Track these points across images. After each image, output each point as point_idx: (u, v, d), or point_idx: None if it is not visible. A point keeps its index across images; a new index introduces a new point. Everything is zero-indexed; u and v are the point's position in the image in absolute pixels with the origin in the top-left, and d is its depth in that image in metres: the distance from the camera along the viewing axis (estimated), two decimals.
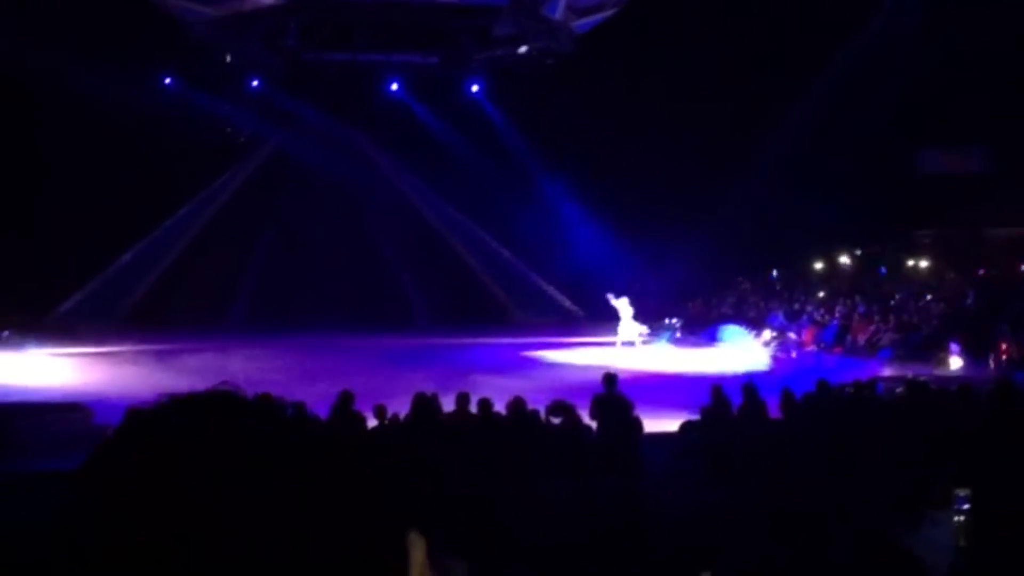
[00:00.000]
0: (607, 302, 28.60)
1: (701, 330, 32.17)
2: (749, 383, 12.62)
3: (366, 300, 35.36)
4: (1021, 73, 29.23)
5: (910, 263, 32.94)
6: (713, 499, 8.33)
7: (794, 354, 27.30)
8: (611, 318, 28.78)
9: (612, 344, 27.78)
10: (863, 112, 30.87)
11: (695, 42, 30.79)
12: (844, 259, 35.45)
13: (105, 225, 32.07)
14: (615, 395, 12.11)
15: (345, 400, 11.91)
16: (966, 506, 5.20)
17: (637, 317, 28.70)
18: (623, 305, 28.35)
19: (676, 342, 31.18)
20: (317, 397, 13.11)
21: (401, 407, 11.98)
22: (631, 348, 27.61)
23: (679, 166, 33.16)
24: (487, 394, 12.36)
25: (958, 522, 5.19)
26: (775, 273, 35.75)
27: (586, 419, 11.83)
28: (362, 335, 29.88)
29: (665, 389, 19.61)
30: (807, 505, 6.92)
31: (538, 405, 11.98)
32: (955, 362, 22.75)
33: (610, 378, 12.33)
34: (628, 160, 33.48)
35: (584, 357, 26.15)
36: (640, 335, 28.47)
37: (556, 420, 11.61)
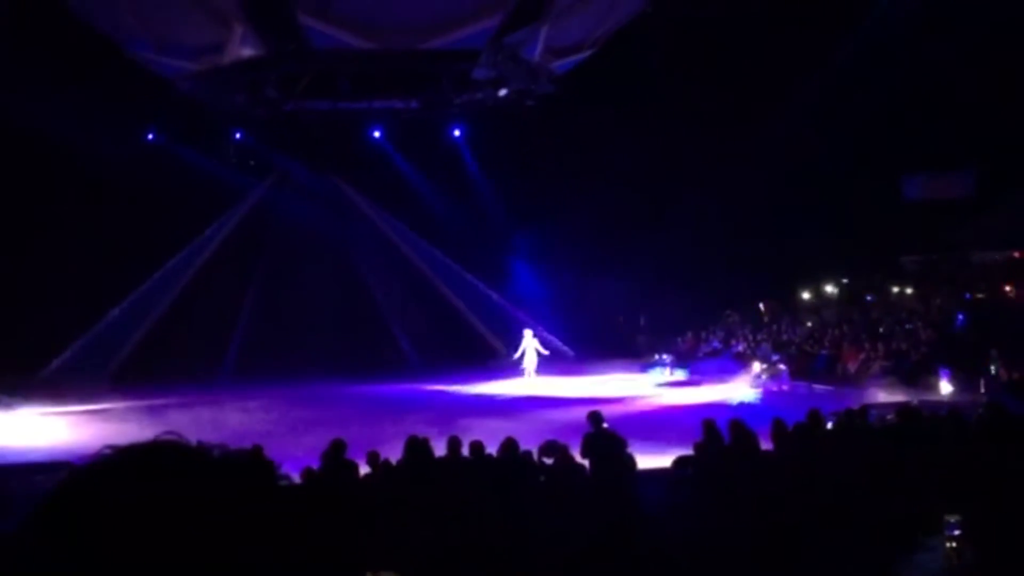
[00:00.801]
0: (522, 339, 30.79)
1: (692, 364, 32.28)
2: (736, 419, 12.66)
3: (357, 346, 35.37)
4: (1001, 96, 29.55)
5: (896, 289, 33.06)
6: (708, 533, 8.33)
7: (785, 386, 27.35)
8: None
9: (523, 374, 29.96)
10: (846, 139, 31.13)
11: (673, 73, 31.01)
12: (831, 288, 35.56)
13: (91, 282, 32.05)
14: (604, 432, 12.13)
15: (337, 448, 11.89)
16: (957, 532, 5.23)
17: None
18: (528, 338, 30.35)
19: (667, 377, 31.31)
20: (311, 447, 13.13)
21: (394, 452, 11.98)
22: (527, 378, 29.63)
23: (662, 200, 33.39)
24: (479, 436, 12.37)
25: (950, 547, 5.23)
26: (762, 305, 35.79)
27: (579, 458, 11.84)
28: (354, 382, 29.94)
29: (658, 424, 19.65)
30: (801, 535, 6.93)
31: (530, 446, 11.98)
32: (945, 387, 22.83)
33: (595, 416, 12.36)
34: (610, 195, 33.58)
35: (574, 395, 26.21)
36: (533, 369, 30.17)
37: (548, 461, 11.61)
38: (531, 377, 29.72)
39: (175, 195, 34.50)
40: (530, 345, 30.16)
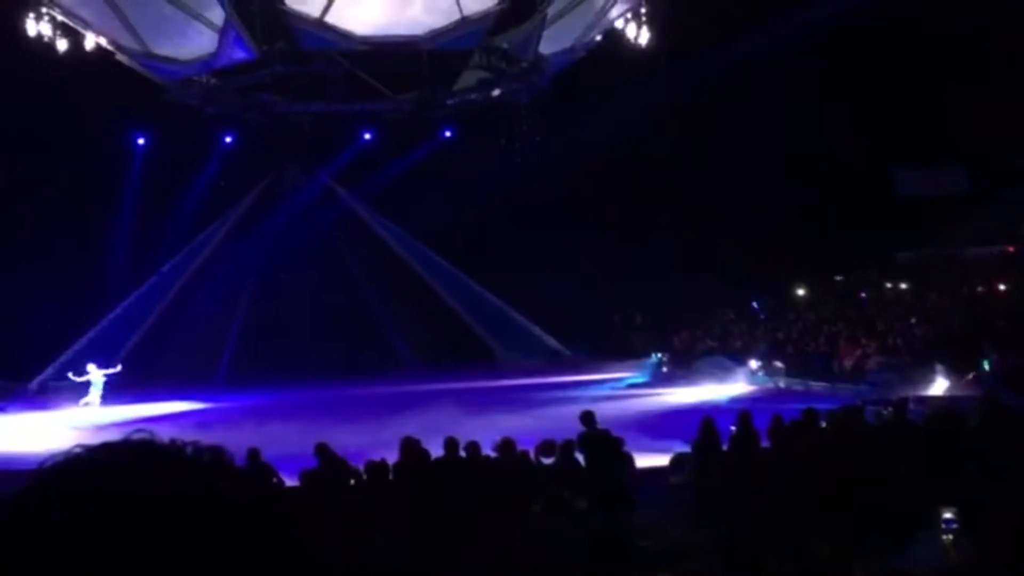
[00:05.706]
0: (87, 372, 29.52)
1: (688, 363, 32.22)
2: (745, 411, 12.68)
3: (353, 349, 35.41)
4: (993, 92, 29.60)
5: (891, 285, 33.08)
6: (704, 530, 8.33)
7: (782, 383, 27.32)
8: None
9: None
10: (839, 136, 31.17)
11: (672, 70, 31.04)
12: (827, 285, 35.49)
13: (84, 288, 32.03)
14: (599, 431, 12.08)
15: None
16: (954, 526, 5.24)
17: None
18: (93, 370, 29.10)
19: (663, 376, 31.22)
20: (306, 449, 13.09)
21: (393, 455, 11.92)
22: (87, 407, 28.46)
23: (655, 199, 33.36)
24: (476, 437, 12.31)
25: (946, 541, 5.23)
26: (755, 304, 35.74)
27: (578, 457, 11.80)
28: (351, 384, 29.92)
29: (655, 423, 19.64)
30: (797, 532, 6.93)
31: (528, 445, 11.95)
32: (941, 383, 22.83)
33: (588, 416, 12.30)
34: (608, 197, 33.57)
35: (572, 395, 26.10)
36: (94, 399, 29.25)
37: (547, 460, 11.59)
38: (91, 406, 28.65)
39: (166, 199, 34.57)
40: (96, 378, 29.26)
